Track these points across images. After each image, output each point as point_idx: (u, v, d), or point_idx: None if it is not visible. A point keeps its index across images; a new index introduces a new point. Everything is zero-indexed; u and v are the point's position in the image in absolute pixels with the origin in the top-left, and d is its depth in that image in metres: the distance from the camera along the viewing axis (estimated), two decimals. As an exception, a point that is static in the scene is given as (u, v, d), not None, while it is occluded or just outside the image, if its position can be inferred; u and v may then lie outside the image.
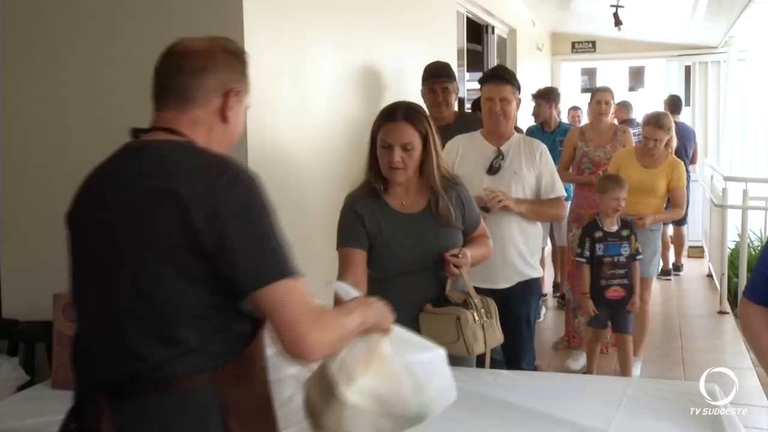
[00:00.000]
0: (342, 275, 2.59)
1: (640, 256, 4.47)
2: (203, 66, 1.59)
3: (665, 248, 7.54)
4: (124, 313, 1.48)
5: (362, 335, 1.69)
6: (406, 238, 2.64)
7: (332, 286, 1.97)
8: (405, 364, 1.75)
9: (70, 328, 2.55)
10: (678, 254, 8.26)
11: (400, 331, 1.82)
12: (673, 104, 8.34)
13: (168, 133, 1.58)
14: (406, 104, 2.72)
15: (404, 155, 2.58)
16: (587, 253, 4.44)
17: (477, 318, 2.56)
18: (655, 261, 4.88)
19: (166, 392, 1.47)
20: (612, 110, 5.67)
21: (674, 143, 4.98)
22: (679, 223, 7.59)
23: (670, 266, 7.95)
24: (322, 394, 1.70)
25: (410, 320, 2.45)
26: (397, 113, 2.62)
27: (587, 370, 4.78)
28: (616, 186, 4.41)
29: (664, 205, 4.89)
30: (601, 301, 4.43)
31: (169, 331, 1.47)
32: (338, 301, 1.97)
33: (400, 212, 2.68)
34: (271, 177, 3.10)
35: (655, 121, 4.85)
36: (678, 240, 8.25)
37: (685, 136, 8.40)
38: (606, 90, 5.69)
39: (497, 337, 2.67)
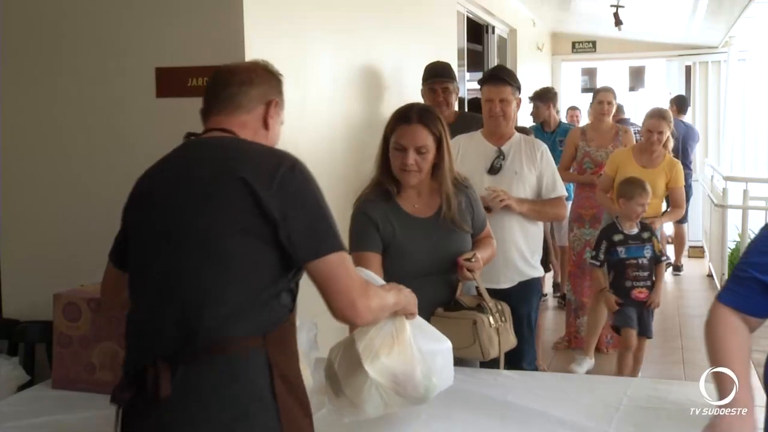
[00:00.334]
0: None
1: (665, 258, 4.50)
2: (249, 79, 1.85)
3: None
4: (189, 279, 1.64)
5: (390, 317, 1.96)
6: (419, 242, 2.63)
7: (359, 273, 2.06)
8: (421, 351, 2.02)
9: (71, 328, 2.57)
10: (678, 254, 8.27)
11: (418, 319, 2.09)
12: (680, 104, 8.52)
13: (221, 132, 1.81)
14: (421, 106, 2.71)
15: (418, 158, 2.58)
16: (601, 257, 4.45)
17: (493, 322, 2.54)
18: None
19: (223, 353, 1.61)
20: (614, 110, 5.67)
21: (671, 143, 4.97)
22: (680, 221, 7.55)
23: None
24: (346, 366, 1.97)
25: None
26: (411, 115, 2.60)
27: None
28: (642, 192, 4.40)
29: (663, 204, 4.89)
30: (627, 300, 4.44)
31: (231, 296, 1.62)
32: None
33: (412, 216, 2.67)
34: (272, 177, 3.11)
35: (659, 113, 4.87)
36: (678, 239, 8.28)
37: (692, 136, 8.46)
38: (608, 90, 5.70)
39: (511, 340, 2.65)
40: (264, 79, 1.89)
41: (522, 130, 5.12)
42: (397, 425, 2.20)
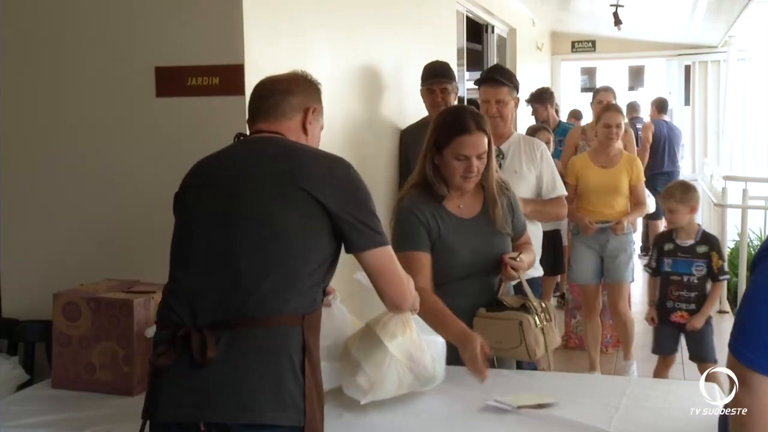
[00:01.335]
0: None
1: (725, 276, 4.01)
2: (289, 89, 2.03)
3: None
4: (249, 257, 1.80)
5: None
6: (463, 242, 2.63)
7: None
8: (425, 340, 2.27)
9: (71, 327, 2.57)
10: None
11: (415, 317, 2.27)
12: (660, 105, 8.97)
13: (271, 133, 1.99)
14: (471, 111, 2.70)
15: (479, 163, 2.60)
16: (654, 264, 4.11)
17: (538, 322, 2.52)
18: (630, 266, 4.78)
19: (266, 325, 1.77)
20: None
21: (633, 144, 4.96)
22: (653, 217, 7.60)
23: None
24: (365, 348, 2.19)
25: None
26: (470, 124, 2.58)
27: None
28: (668, 199, 4.05)
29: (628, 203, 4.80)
30: (666, 322, 4.06)
31: (284, 276, 1.79)
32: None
33: (458, 216, 2.67)
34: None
35: (615, 107, 4.82)
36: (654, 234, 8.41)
37: (676, 135, 8.66)
38: (608, 90, 5.69)
39: (556, 339, 2.62)
40: (303, 88, 2.06)
41: (540, 130, 5.14)
42: (397, 425, 2.21)
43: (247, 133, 2.07)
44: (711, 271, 3.93)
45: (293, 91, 2.04)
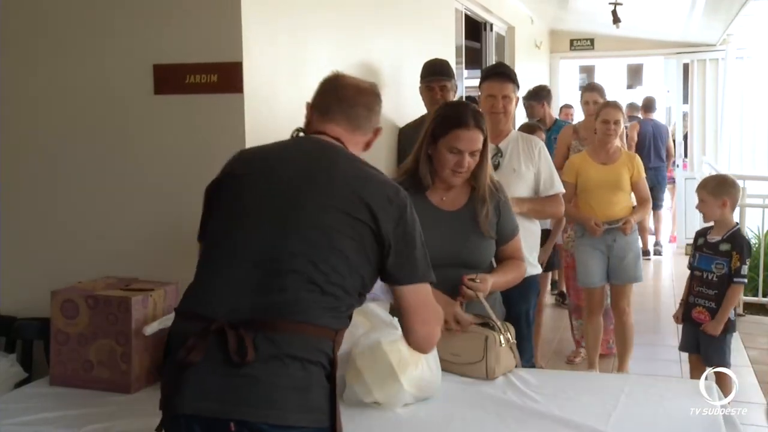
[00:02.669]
0: None
1: (742, 279, 3.83)
2: (372, 106, 2.05)
3: (642, 231, 8.13)
4: (299, 262, 1.77)
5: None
6: (438, 233, 2.61)
7: (369, 307, 2.36)
8: (427, 356, 2.27)
9: (69, 325, 2.56)
10: (657, 234, 9.52)
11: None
12: (647, 105, 9.57)
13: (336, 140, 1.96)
14: (474, 108, 2.71)
15: (470, 160, 2.61)
16: (690, 259, 4.05)
17: (503, 342, 2.52)
18: (638, 266, 4.71)
19: (304, 333, 1.75)
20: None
21: (625, 142, 4.95)
22: (656, 207, 8.26)
23: (649, 247, 8.93)
24: (379, 375, 2.24)
25: None
26: (469, 119, 2.60)
27: None
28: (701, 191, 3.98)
29: (632, 198, 4.75)
30: (688, 319, 3.98)
31: (330, 289, 1.77)
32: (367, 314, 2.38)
33: (438, 208, 2.69)
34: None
35: (613, 103, 4.76)
36: (657, 224, 9.43)
37: (661, 133, 8.97)
38: (593, 89, 5.56)
39: (513, 363, 2.59)
40: (378, 107, 2.08)
41: (535, 127, 5.10)
42: (397, 424, 2.20)
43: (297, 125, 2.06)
44: (729, 271, 3.81)
45: (376, 109, 2.06)
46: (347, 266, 1.79)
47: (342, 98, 2.01)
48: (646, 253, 8.25)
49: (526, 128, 4.97)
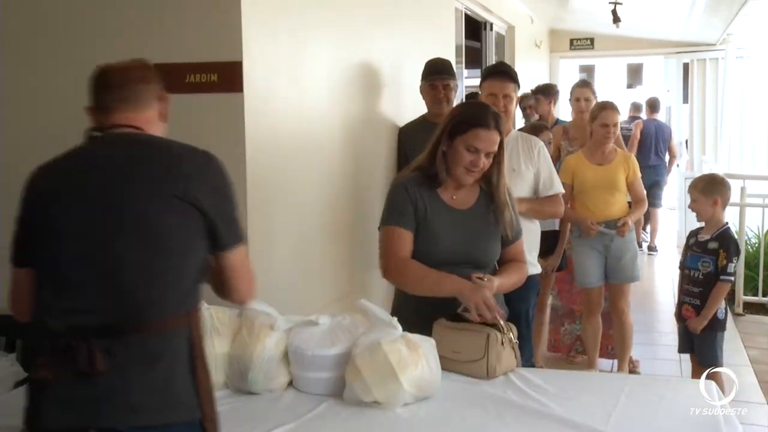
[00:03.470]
0: (388, 252, 2.63)
1: (729, 277, 3.82)
2: (144, 76, 2.00)
3: (636, 225, 8.01)
4: (133, 265, 1.74)
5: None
6: (448, 231, 2.65)
7: (362, 305, 2.41)
8: (427, 355, 2.32)
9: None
10: (653, 236, 9.33)
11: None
12: (652, 105, 9.50)
13: (132, 128, 1.90)
14: (493, 110, 2.71)
15: (486, 161, 2.62)
16: (682, 259, 4.10)
17: (505, 342, 2.51)
18: (636, 265, 4.71)
19: (153, 330, 1.74)
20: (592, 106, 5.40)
21: (621, 142, 4.92)
22: (654, 205, 8.20)
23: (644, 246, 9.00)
24: (379, 374, 2.25)
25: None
26: (489, 120, 2.61)
27: None
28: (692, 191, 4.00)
29: (626, 199, 4.73)
30: (681, 319, 4.02)
31: (168, 278, 1.76)
32: (367, 315, 2.43)
33: (449, 205, 2.70)
34: (270, 174, 3.10)
35: (611, 105, 4.70)
36: (654, 223, 9.26)
37: (663, 132, 8.96)
38: (584, 85, 5.51)
39: (514, 362, 2.58)
40: (154, 74, 2.00)
41: (541, 127, 5.07)
42: (397, 424, 2.20)
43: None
44: (715, 270, 3.83)
45: (149, 78, 1.97)
46: (179, 250, 1.77)
47: (110, 85, 1.93)
48: (640, 245, 8.23)
49: (531, 129, 4.94)
